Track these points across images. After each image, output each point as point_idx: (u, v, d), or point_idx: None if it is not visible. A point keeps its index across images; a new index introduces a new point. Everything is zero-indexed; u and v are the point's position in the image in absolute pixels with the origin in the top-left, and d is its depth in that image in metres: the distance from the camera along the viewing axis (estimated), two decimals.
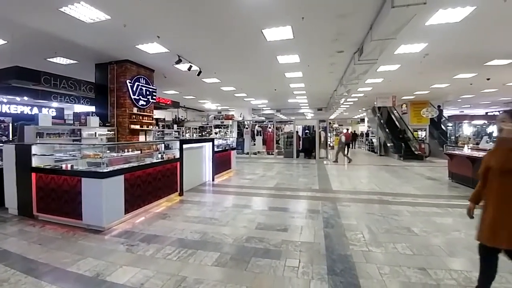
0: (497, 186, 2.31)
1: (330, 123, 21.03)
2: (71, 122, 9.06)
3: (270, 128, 18.21)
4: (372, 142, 19.75)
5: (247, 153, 16.80)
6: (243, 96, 16.59)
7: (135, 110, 8.89)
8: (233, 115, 21.13)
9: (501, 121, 2.37)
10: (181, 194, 6.27)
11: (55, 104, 10.85)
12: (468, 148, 7.63)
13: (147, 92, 9.34)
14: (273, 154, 16.69)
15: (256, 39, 6.84)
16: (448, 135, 13.41)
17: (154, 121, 10.39)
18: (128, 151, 5.68)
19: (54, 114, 9.02)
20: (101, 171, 4.28)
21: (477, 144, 8.05)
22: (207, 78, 11.23)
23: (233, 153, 10.60)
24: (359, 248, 3.54)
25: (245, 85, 13.44)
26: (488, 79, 11.19)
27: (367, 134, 21.43)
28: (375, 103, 16.35)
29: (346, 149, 18.85)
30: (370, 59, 7.19)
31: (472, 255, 3.34)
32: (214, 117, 21.04)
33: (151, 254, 3.36)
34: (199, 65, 9.08)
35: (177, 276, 2.84)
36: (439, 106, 17.39)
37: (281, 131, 18.81)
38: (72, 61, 8.64)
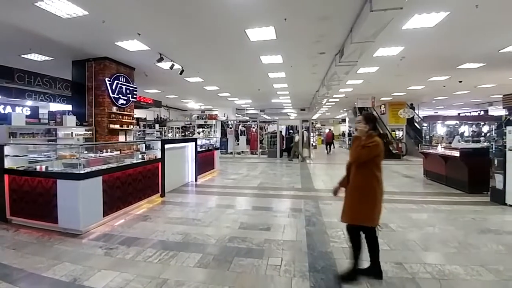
0: (352, 176, 2.76)
1: (313, 123, 21.41)
2: (46, 121, 8.65)
3: (254, 128, 18.26)
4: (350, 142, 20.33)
5: (231, 153, 16.75)
6: (227, 96, 16.52)
7: (114, 109, 8.63)
8: (216, 114, 20.98)
9: (357, 122, 2.80)
10: (163, 195, 6.16)
11: (29, 102, 10.33)
12: (441, 147, 8.02)
13: (127, 91, 9.08)
14: (257, 154, 16.74)
15: (240, 39, 6.84)
16: (423, 135, 14.03)
17: (134, 121, 10.13)
18: (107, 152, 5.51)
19: (29, 113, 8.56)
20: (77, 172, 4.13)
21: (450, 143, 8.46)
22: (190, 77, 11.09)
23: (217, 153, 10.54)
24: (339, 244, 3.63)
25: (228, 85, 13.38)
26: (461, 81, 11.80)
27: (349, 134, 22.08)
28: (356, 103, 16.80)
29: (328, 147, 19.66)
30: (350, 61, 7.39)
31: (445, 249, 3.53)
32: (198, 117, 20.81)
33: (131, 257, 3.28)
34: (181, 64, 8.94)
35: (158, 279, 2.79)
36: (411, 105, 18.13)
37: (265, 131, 18.92)
38: (47, 58, 8.27)
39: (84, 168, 4.31)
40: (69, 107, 8.97)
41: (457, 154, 6.81)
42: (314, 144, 21.48)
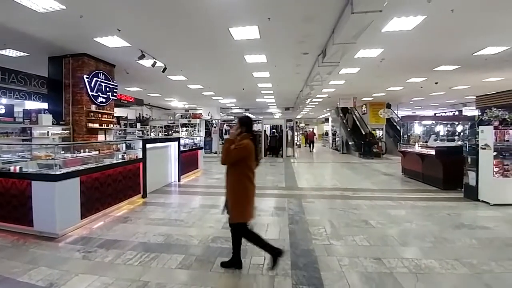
0: (227, 176, 2.93)
1: (297, 122, 21.68)
2: (21, 120, 8.23)
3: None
4: (335, 141, 20.89)
5: (216, 153, 16.63)
6: (211, 95, 16.36)
7: (93, 107, 8.33)
8: (201, 113, 20.74)
9: (232, 126, 2.94)
10: (144, 196, 6.02)
11: (4, 100, 9.76)
12: (418, 146, 8.34)
13: (107, 89, 8.80)
14: None
15: (223, 37, 6.79)
16: (401, 134, 14.57)
17: (115, 120, 9.82)
18: (85, 152, 5.33)
19: (3, 111, 8.09)
20: (53, 173, 3.96)
21: (426, 142, 8.82)
22: (173, 75, 10.89)
23: (201, 152, 10.44)
24: (321, 242, 3.70)
25: (213, 84, 13.26)
26: (436, 83, 12.31)
27: (333, 134, 22.60)
28: (338, 103, 17.15)
29: (310, 146, 20.12)
30: (332, 61, 7.51)
31: (421, 244, 3.67)
32: (181, 116, 20.50)
33: (110, 260, 3.19)
34: (164, 62, 8.76)
35: (139, 282, 2.73)
36: (388, 104, 18.74)
37: None
38: (23, 54, 7.87)
39: (60, 169, 4.15)
40: (45, 105, 8.57)
41: (432, 152, 7.11)
42: (298, 143, 21.76)
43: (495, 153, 5.43)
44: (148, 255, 3.30)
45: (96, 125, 8.40)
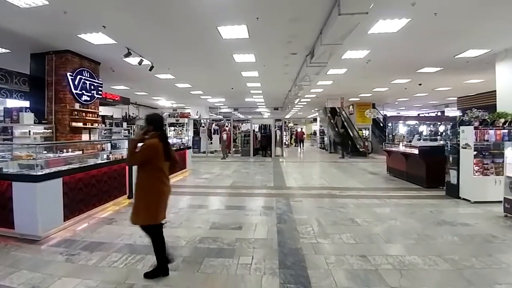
0: (136, 177, 2.82)
1: (285, 122, 21.83)
2: (2, 119, 7.93)
3: (227, 126, 18.15)
4: (323, 140, 21.20)
5: (204, 152, 16.50)
6: (200, 94, 16.22)
7: (77, 106, 8.09)
8: (189, 113, 20.53)
9: (139, 125, 2.93)
10: (130, 196, 5.89)
11: None
12: (403, 146, 8.56)
13: (92, 87, 8.57)
14: (230, 153, 16.65)
15: (212, 36, 6.73)
16: (386, 134, 14.95)
17: (99, 119, 9.59)
18: (68, 152, 5.18)
19: None
20: (34, 174, 3.84)
21: (410, 141, 9.07)
22: (160, 74, 10.72)
23: (189, 152, 10.34)
24: (308, 240, 3.74)
25: (201, 83, 13.15)
26: (420, 84, 12.66)
27: (322, 132, 23.00)
28: (326, 104, 17.37)
29: (299, 145, 20.44)
30: (320, 62, 7.59)
31: (405, 241, 3.77)
32: (169, 115, 20.21)
33: (94, 263, 3.11)
34: (151, 60, 8.61)
35: (124, 284, 2.68)
36: (373, 105, 19.16)
37: (239, 129, 18.90)
38: (4, 50, 7.56)
39: (42, 170, 4.03)
40: (27, 104, 8.28)
41: (416, 152, 7.32)
42: (286, 143, 21.91)
43: (475, 152, 5.63)
44: (134, 257, 3.25)
45: (80, 124, 8.16)
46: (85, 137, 8.43)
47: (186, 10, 5.43)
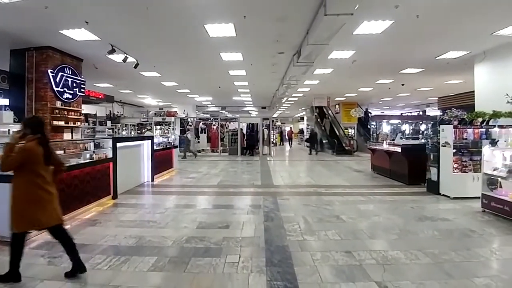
0: (12, 182, 2.70)
1: (273, 121, 21.93)
2: None
3: (214, 125, 18.04)
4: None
5: (191, 151, 16.30)
6: (187, 92, 16.02)
7: (58, 104, 7.82)
8: (176, 111, 20.26)
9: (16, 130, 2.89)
10: (115, 197, 5.78)
11: None
12: (386, 144, 8.79)
13: (74, 84, 8.30)
14: (217, 152, 16.58)
15: (199, 34, 6.66)
16: (371, 132, 15.34)
17: (82, 117, 9.32)
18: None
19: None
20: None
21: (393, 140, 9.32)
22: (146, 72, 10.51)
23: (175, 151, 10.22)
24: (295, 238, 3.79)
25: (188, 81, 13.00)
26: (403, 84, 13.03)
27: (301, 132, 23.77)
28: (313, 103, 17.58)
29: (288, 143, 20.66)
30: (307, 61, 7.68)
31: (388, 236, 3.88)
32: (155, 114, 19.87)
33: None
34: (136, 57, 8.42)
35: (108, 286, 2.62)
36: (358, 105, 19.59)
37: (226, 128, 18.83)
38: None
39: None
40: (6, 102, 7.94)
41: (399, 150, 7.53)
42: (274, 141, 22.02)
43: (454, 150, 5.85)
44: (118, 258, 3.18)
45: (62, 123, 7.91)
46: (67, 136, 8.17)
47: (172, 6, 5.35)
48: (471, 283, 2.65)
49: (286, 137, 26.72)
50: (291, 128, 29.85)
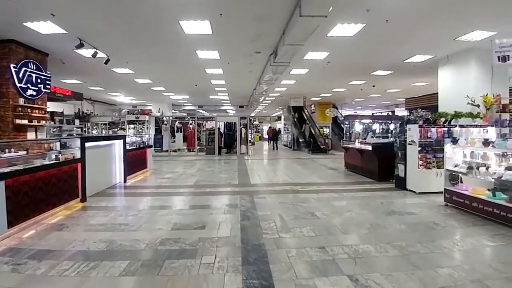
0: None
1: (251, 120, 21.98)
2: None
3: (191, 124, 17.72)
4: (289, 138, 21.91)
5: (167, 151, 15.95)
6: (162, 90, 15.58)
7: (21, 101, 7.29)
8: (150, 110, 19.65)
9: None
10: (83, 199, 5.50)
11: None
12: (358, 142, 9.15)
13: (39, 80, 7.77)
14: (194, 151, 16.32)
15: (173, 30, 6.49)
16: (344, 132, 15.89)
17: (48, 115, 8.76)
18: (11, 152, 4.67)
19: None
20: None
21: (365, 139, 9.72)
22: (117, 68, 10.09)
23: (150, 151, 9.92)
24: (271, 236, 3.84)
25: (163, 78, 12.64)
26: (374, 86, 13.63)
27: (274, 130, 23.69)
28: (290, 102, 17.85)
29: (272, 142, 20.74)
30: (283, 62, 7.77)
31: (359, 231, 4.05)
32: (128, 112, 19.13)
33: (43, 272, 2.85)
34: (106, 52, 8.04)
35: None
36: (334, 105, 20.20)
37: (203, 127, 18.58)
38: None
39: None
40: None
41: (370, 148, 7.88)
42: (252, 140, 22.09)
43: (419, 148, 6.22)
44: (87, 264, 3.03)
45: (25, 122, 7.39)
46: (31, 135, 7.65)
47: (145, 0, 5.17)
48: (435, 273, 2.83)
49: (265, 135, 25.94)
50: (270, 127, 29.67)
